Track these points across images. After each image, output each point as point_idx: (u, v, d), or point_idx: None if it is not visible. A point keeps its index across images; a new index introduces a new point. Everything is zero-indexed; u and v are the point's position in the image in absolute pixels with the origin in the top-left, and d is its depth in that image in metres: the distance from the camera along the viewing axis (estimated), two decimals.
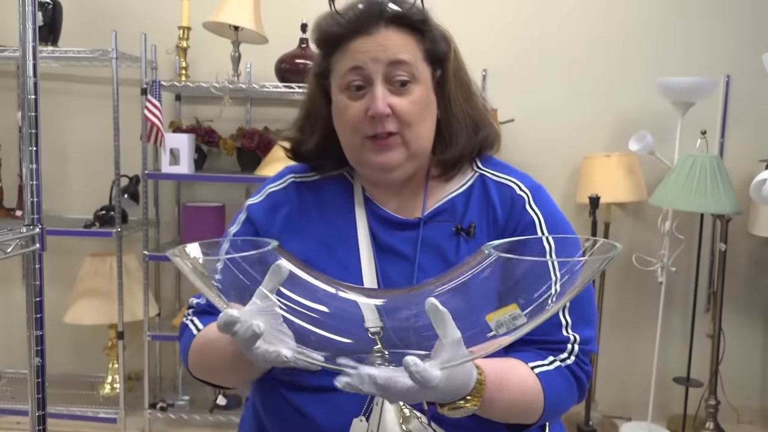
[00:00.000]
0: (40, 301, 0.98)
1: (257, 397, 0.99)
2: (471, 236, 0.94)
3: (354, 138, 0.94)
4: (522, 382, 0.86)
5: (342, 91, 0.94)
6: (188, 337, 0.98)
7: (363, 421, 0.86)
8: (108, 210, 2.64)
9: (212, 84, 2.56)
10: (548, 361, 0.89)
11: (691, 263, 2.76)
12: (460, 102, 0.98)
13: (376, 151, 0.93)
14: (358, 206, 0.99)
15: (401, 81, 0.91)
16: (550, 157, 2.82)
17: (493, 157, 1.05)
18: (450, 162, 0.99)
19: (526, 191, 0.98)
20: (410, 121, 0.92)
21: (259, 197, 1.04)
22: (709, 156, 2.42)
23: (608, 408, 2.84)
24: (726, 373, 2.69)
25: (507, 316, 0.71)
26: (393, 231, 0.97)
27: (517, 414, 0.87)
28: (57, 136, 2.85)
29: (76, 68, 2.80)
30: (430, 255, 0.94)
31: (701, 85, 2.52)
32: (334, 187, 1.02)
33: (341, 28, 0.92)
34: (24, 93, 0.95)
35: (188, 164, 2.58)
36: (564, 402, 0.91)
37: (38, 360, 0.96)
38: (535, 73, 2.82)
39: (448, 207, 0.98)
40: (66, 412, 2.59)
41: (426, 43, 0.94)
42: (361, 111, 0.91)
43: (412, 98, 0.92)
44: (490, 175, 1.01)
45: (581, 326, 0.92)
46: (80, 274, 2.69)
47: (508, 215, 0.96)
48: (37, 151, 0.98)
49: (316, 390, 0.89)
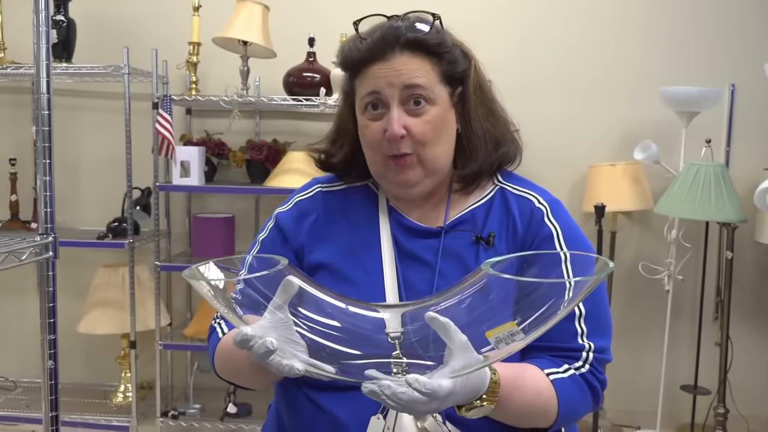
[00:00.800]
0: (53, 307, 1.03)
1: (281, 397, 1.02)
2: (490, 245, 0.98)
3: (375, 156, 0.99)
4: (536, 385, 0.89)
5: (363, 112, 0.99)
6: (215, 340, 1.03)
7: (380, 418, 0.89)
8: (120, 222, 2.69)
9: (222, 98, 2.61)
10: (563, 369, 0.92)
11: (697, 271, 2.76)
12: (480, 119, 1.02)
13: (395, 171, 0.98)
14: (382, 215, 1.03)
15: (416, 101, 0.95)
16: (556, 167, 2.84)
17: (513, 173, 1.10)
18: (469, 177, 1.03)
19: (545, 204, 1.02)
20: (425, 142, 0.96)
21: (287, 206, 1.09)
22: (714, 165, 2.43)
23: (616, 417, 2.84)
24: (735, 381, 2.68)
25: (506, 333, 0.73)
26: (415, 239, 1.01)
27: (531, 417, 0.89)
28: (71, 150, 2.91)
29: (90, 84, 2.87)
30: (451, 262, 0.98)
31: (705, 95, 2.54)
32: (359, 196, 1.07)
33: (360, 53, 0.97)
34: (38, 108, 1.00)
35: (199, 176, 2.63)
36: (578, 409, 0.93)
37: (51, 363, 1.00)
38: (539, 84, 2.85)
39: (469, 217, 1.02)
40: (80, 420, 2.63)
41: (443, 65, 0.98)
42: (380, 131, 0.97)
43: (426, 119, 0.96)
44: (510, 189, 1.05)
45: (597, 335, 0.94)
46: (93, 285, 2.74)
47: (527, 227, 1.00)
48: (50, 164, 1.02)
49: (337, 388, 0.92)
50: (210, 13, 2.70)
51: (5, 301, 3.03)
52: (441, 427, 0.87)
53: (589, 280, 0.72)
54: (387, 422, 0.88)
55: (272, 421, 1.07)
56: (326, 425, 0.93)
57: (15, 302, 3.02)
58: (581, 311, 0.94)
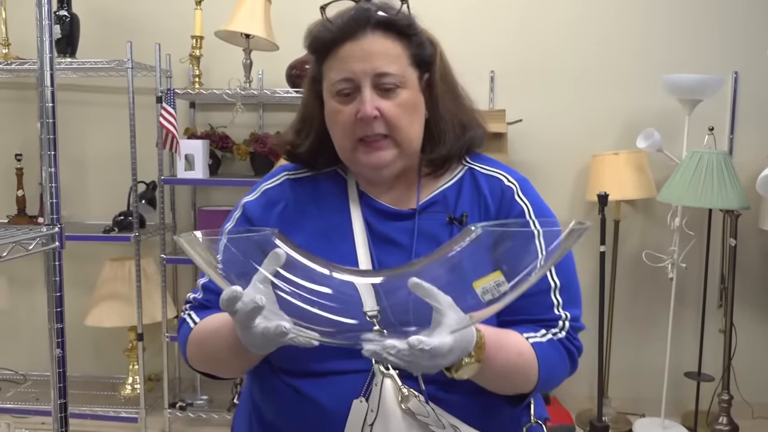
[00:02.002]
0: (60, 296, 1.05)
1: (256, 386, 1.02)
2: (464, 225, 0.99)
3: (345, 140, 0.99)
4: (518, 346, 0.91)
5: (333, 96, 0.99)
6: (186, 330, 1.02)
7: (363, 401, 0.90)
8: (126, 215, 2.72)
9: (225, 91, 2.63)
10: (540, 334, 0.95)
11: (701, 259, 2.76)
12: (447, 104, 1.03)
13: (366, 152, 0.98)
14: (352, 199, 1.04)
15: (387, 83, 0.96)
16: (559, 156, 2.85)
17: (480, 154, 1.10)
18: (438, 161, 1.04)
19: (514, 182, 1.04)
20: (398, 124, 0.97)
21: (254, 195, 1.09)
22: (716, 152, 2.43)
23: (621, 404, 2.85)
24: (739, 368, 2.69)
25: (492, 283, 0.76)
26: (388, 221, 1.02)
27: (513, 378, 0.91)
28: (76, 144, 2.94)
29: (93, 78, 2.89)
30: (426, 243, 0.99)
31: (708, 82, 2.54)
32: (328, 182, 1.07)
33: (331, 33, 0.97)
34: (42, 101, 1.02)
35: (203, 169, 2.65)
36: (557, 372, 0.96)
37: (59, 351, 1.02)
38: (542, 73, 2.85)
39: (440, 198, 1.03)
40: (89, 412, 2.66)
41: (412, 47, 0.99)
42: (352, 114, 0.96)
43: (398, 101, 0.97)
44: (478, 169, 1.06)
45: (570, 306, 0.98)
46: (100, 279, 2.77)
47: (499, 205, 1.02)
48: (55, 155, 1.04)
49: (317, 374, 0.93)
50: (212, 6, 2.71)
51: (15, 296, 3.07)
52: (424, 406, 0.88)
53: (563, 231, 0.76)
54: (370, 404, 0.89)
55: (244, 410, 1.06)
56: (307, 411, 0.94)
57: (24, 297, 3.05)
58: (556, 283, 0.97)
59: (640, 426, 2.73)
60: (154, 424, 2.71)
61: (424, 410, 0.88)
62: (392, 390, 0.89)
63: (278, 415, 0.98)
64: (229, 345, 0.91)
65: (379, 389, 0.89)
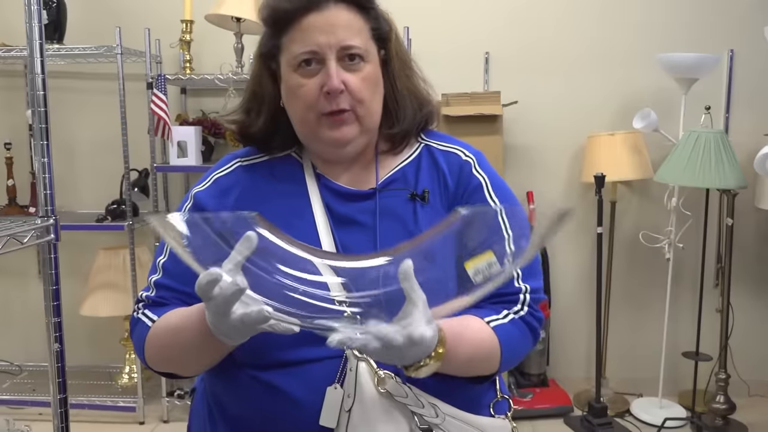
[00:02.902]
0: (56, 290, 1.02)
1: (219, 384, 0.98)
2: (426, 202, 0.99)
3: (308, 115, 0.96)
4: (478, 335, 0.91)
5: (294, 70, 0.95)
6: (142, 329, 0.96)
7: (338, 388, 0.88)
8: (119, 204, 2.69)
9: (216, 76, 2.59)
10: (502, 315, 0.95)
11: (698, 239, 2.76)
12: (404, 80, 1.03)
13: (330, 127, 0.95)
14: (310, 182, 1.01)
15: (350, 57, 0.94)
16: (554, 137, 2.83)
17: (434, 131, 1.10)
18: (398, 136, 1.03)
19: (471, 156, 1.04)
20: (362, 98, 0.95)
21: (204, 184, 1.05)
22: (714, 131, 2.42)
23: (618, 385, 2.87)
24: (736, 347, 2.70)
25: (484, 263, 0.76)
26: (348, 202, 1.00)
27: (475, 366, 0.92)
28: (66, 132, 2.89)
29: (82, 65, 2.84)
30: (390, 221, 0.97)
31: (704, 61, 2.52)
32: (283, 166, 1.03)
33: (291, 4, 0.94)
34: (33, 89, 0.99)
35: (196, 156, 2.62)
36: (520, 350, 0.97)
37: (57, 345, 1.00)
38: (537, 54, 2.82)
39: (399, 176, 1.02)
40: (86, 401, 2.65)
41: (371, 21, 0.98)
42: (316, 88, 0.94)
43: (362, 75, 0.95)
44: (435, 145, 1.06)
45: (530, 277, 0.98)
46: (94, 268, 2.74)
47: (458, 180, 1.01)
48: (47, 145, 1.01)
49: (287, 365, 0.90)
50: None
51: (8, 286, 3.04)
52: (402, 387, 0.87)
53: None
54: (346, 390, 0.87)
55: (201, 408, 1.02)
56: (277, 404, 0.91)
57: (18, 287, 3.02)
58: None
59: (637, 406, 2.74)
60: (152, 413, 2.70)
61: (402, 391, 0.87)
62: (368, 373, 0.88)
63: (245, 408, 0.94)
64: (196, 340, 0.87)
65: (355, 374, 0.87)
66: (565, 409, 2.73)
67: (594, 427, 2.55)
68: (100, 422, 2.66)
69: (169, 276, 0.98)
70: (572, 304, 2.93)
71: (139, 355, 0.98)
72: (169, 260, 0.99)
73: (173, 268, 0.98)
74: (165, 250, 1.00)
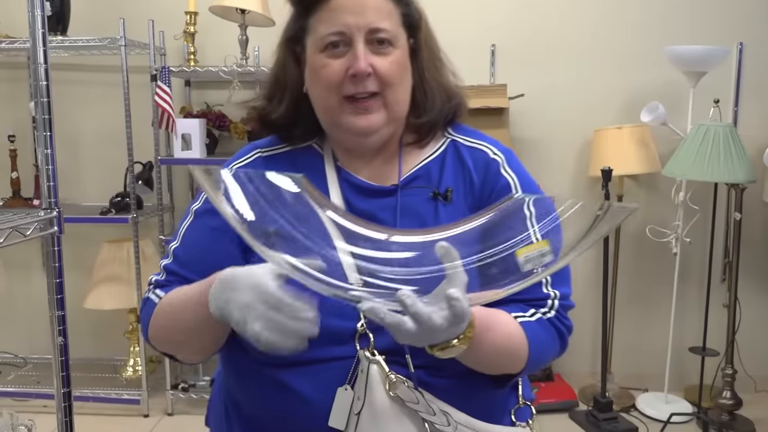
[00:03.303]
0: (60, 282, 1.01)
1: (232, 378, 0.97)
2: (449, 201, 0.95)
3: (331, 98, 0.92)
4: (507, 327, 0.88)
5: (320, 50, 0.92)
6: (149, 307, 0.95)
7: (348, 389, 0.86)
8: (123, 197, 2.68)
9: (221, 68, 2.57)
10: (529, 314, 0.91)
11: (705, 234, 2.74)
12: (432, 70, 0.99)
13: (355, 114, 0.92)
14: (330, 176, 0.98)
15: (380, 40, 0.91)
16: (561, 131, 2.81)
17: (462, 124, 1.06)
18: (425, 127, 0.99)
19: (499, 154, 0.99)
20: (391, 82, 0.92)
21: None
22: (723, 125, 2.39)
23: (624, 380, 2.85)
24: (742, 342, 2.68)
25: (536, 252, 0.72)
26: (369, 199, 0.96)
27: (503, 358, 0.88)
28: (70, 125, 2.88)
29: (86, 57, 2.82)
30: (410, 220, 0.94)
31: (713, 54, 2.49)
32: (304, 157, 1.00)
33: None
34: (36, 80, 0.97)
35: (200, 149, 2.60)
36: (546, 352, 0.93)
37: (61, 339, 0.99)
38: (543, 46, 2.79)
39: (423, 173, 0.98)
40: (90, 394, 2.64)
41: (402, 6, 0.95)
42: (341, 70, 0.90)
43: (392, 59, 0.92)
44: (462, 141, 1.02)
45: (560, 283, 0.95)
46: (98, 261, 2.74)
47: (484, 179, 0.97)
48: (51, 136, 1.00)
49: (298, 363, 0.88)
50: None
51: (12, 279, 3.04)
52: (413, 392, 0.85)
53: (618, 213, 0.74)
54: (356, 392, 0.85)
55: (219, 402, 1.01)
56: (288, 403, 0.89)
57: (22, 279, 3.02)
58: None
59: (643, 401, 2.73)
60: (156, 406, 2.70)
61: (413, 396, 0.84)
62: (379, 376, 0.85)
63: (258, 407, 0.93)
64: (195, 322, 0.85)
65: (366, 376, 0.85)
66: (570, 403, 2.72)
67: (599, 422, 2.53)
68: (104, 415, 2.66)
69: (179, 263, 0.97)
70: (578, 298, 2.88)
71: (143, 334, 0.97)
72: (181, 247, 0.98)
73: (184, 255, 0.97)
74: (178, 236, 0.99)
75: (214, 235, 0.87)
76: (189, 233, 0.99)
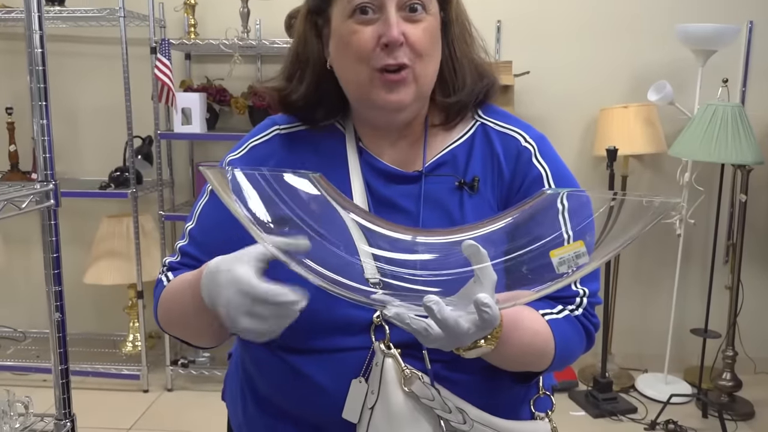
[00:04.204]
0: (57, 257, 0.99)
1: (247, 356, 0.95)
2: (474, 191, 0.90)
3: (361, 70, 0.86)
4: (533, 325, 0.84)
5: (349, 16, 0.86)
6: (159, 290, 0.94)
7: (362, 382, 0.83)
8: (122, 171, 2.65)
9: (222, 41, 2.53)
10: (557, 310, 0.88)
11: (710, 215, 2.72)
12: (463, 47, 0.93)
13: (386, 88, 0.86)
14: (351, 158, 0.93)
15: (412, 7, 0.85)
16: (566, 109, 2.77)
17: (493, 105, 0.99)
18: (455, 107, 0.93)
19: (531, 143, 0.93)
20: (423, 52, 0.86)
21: (240, 151, 0.97)
22: (731, 105, 2.36)
23: (624, 360, 2.85)
24: (744, 324, 2.67)
25: (571, 253, 0.69)
26: (391, 184, 0.92)
27: (529, 357, 0.85)
28: (68, 97, 2.84)
29: (84, 29, 2.78)
30: (433, 210, 0.90)
31: (723, 32, 2.45)
32: (324, 137, 0.96)
33: None
34: (31, 47, 0.94)
35: (200, 124, 2.57)
36: (573, 349, 0.89)
37: (58, 315, 0.97)
38: (550, 23, 2.75)
39: (449, 159, 0.93)
40: (90, 369, 2.65)
41: None
42: (372, 38, 0.84)
43: (424, 26, 0.86)
44: (492, 125, 0.95)
45: (589, 280, 0.90)
46: (97, 236, 2.72)
47: (514, 169, 0.92)
48: (46, 106, 0.97)
49: (315, 351, 0.86)
50: None
51: (11, 253, 3.02)
52: (429, 389, 0.81)
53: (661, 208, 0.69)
54: (370, 386, 0.82)
55: (236, 375, 0.99)
56: (304, 389, 0.87)
57: (21, 254, 3.01)
58: None
59: (642, 381, 2.73)
60: (156, 381, 2.70)
61: (428, 393, 0.81)
62: (394, 371, 0.82)
63: (273, 390, 0.91)
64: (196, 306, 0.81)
65: (380, 369, 0.82)
66: (570, 383, 2.73)
67: (599, 402, 2.54)
68: (104, 390, 2.66)
69: (194, 244, 0.94)
70: None
71: (154, 316, 0.95)
72: (197, 227, 0.95)
73: (199, 236, 0.94)
74: (194, 216, 0.96)
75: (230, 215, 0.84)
76: (205, 213, 0.96)
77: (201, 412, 2.50)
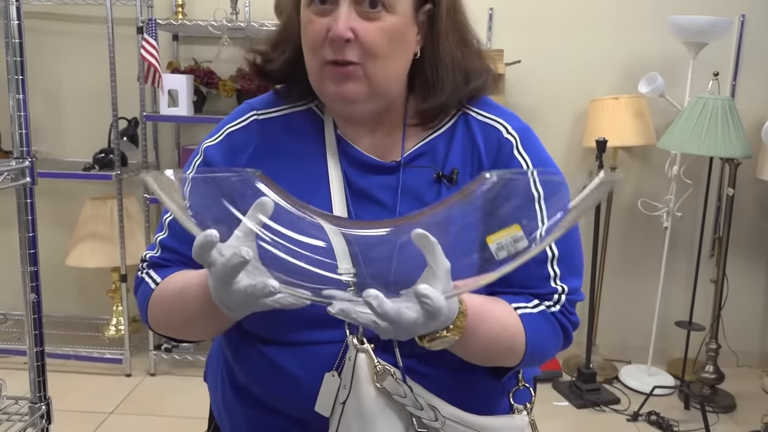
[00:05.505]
0: (33, 237, 0.96)
1: (227, 345, 0.93)
2: (453, 183, 0.87)
3: (313, 60, 0.83)
4: (503, 318, 0.82)
5: (307, 5, 0.83)
6: (146, 290, 0.90)
7: (335, 376, 0.82)
8: (107, 153, 2.61)
9: (210, 22, 2.49)
10: (532, 305, 0.85)
11: (697, 208, 2.72)
12: (450, 45, 0.87)
13: (333, 80, 0.83)
14: (329, 145, 0.90)
15: (371, 2, 0.80)
16: (557, 100, 2.76)
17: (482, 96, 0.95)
18: (429, 112, 0.89)
19: (514, 134, 0.90)
20: (375, 53, 0.81)
21: (216, 137, 0.94)
22: (721, 98, 2.35)
23: (608, 352, 2.86)
24: (728, 317, 2.69)
25: (509, 238, 0.67)
26: (368, 175, 0.88)
27: (497, 351, 0.83)
28: (52, 77, 2.79)
29: (69, 6, 2.72)
30: (411, 202, 0.87)
31: (715, 25, 2.44)
32: (302, 123, 0.92)
33: None
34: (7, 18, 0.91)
35: (187, 106, 2.53)
36: (547, 346, 0.87)
37: (34, 296, 0.94)
38: (542, 12, 2.73)
39: (428, 149, 0.90)
40: (72, 352, 2.62)
41: None
42: (322, 31, 0.81)
43: (381, 26, 0.80)
44: (474, 114, 0.91)
45: (570, 277, 0.87)
46: (81, 218, 2.68)
47: (495, 161, 0.89)
48: (23, 80, 0.93)
49: (290, 344, 0.85)
50: None
51: None
52: (401, 385, 0.80)
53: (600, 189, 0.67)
54: (343, 380, 0.81)
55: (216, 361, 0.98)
56: (280, 381, 0.85)
57: (1, 234, 2.96)
58: (554, 253, 0.86)
59: (626, 372, 2.75)
60: (138, 366, 2.68)
61: (400, 390, 0.80)
62: (366, 366, 0.80)
63: (250, 380, 0.89)
64: (198, 308, 0.80)
65: (353, 364, 0.80)
66: (554, 374, 2.73)
67: (582, 393, 2.55)
68: (86, 373, 2.63)
69: (174, 236, 0.90)
70: None
71: (142, 317, 0.91)
72: (175, 218, 0.92)
73: (179, 228, 0.89)
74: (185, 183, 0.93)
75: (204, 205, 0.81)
76: None
77: (184, 397, 2.48)
